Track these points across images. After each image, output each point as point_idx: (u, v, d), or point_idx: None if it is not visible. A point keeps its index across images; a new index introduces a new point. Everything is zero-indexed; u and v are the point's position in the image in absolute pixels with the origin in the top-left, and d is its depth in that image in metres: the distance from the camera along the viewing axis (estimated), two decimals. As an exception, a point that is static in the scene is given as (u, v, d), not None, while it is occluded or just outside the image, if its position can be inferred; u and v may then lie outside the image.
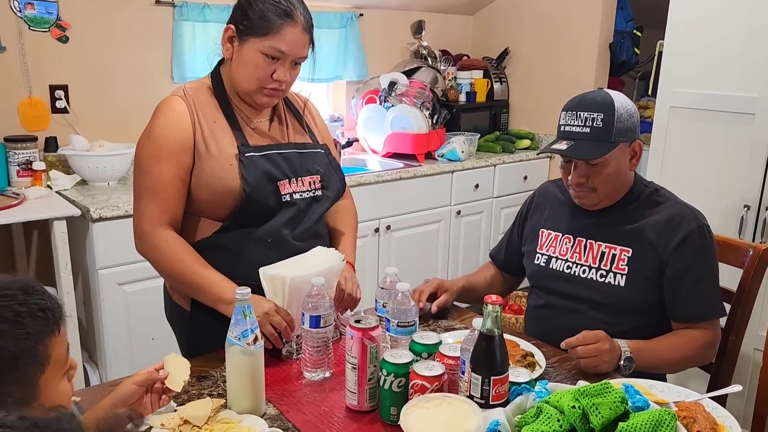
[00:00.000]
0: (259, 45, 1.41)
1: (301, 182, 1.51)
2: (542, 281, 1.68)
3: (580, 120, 1.48)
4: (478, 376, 1.07)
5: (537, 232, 1.71)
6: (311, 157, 1.55)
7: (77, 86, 2.75)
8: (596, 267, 1.57)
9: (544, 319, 1.66)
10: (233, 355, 1.19)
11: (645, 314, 1.54)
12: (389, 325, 1.35)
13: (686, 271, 1.49)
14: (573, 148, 1.49)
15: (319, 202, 1.56)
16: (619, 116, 1.47)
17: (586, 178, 1.52)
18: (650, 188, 1.60)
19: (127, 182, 2.72)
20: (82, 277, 2.46)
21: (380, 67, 3.71)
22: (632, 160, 1.54)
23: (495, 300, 1.07)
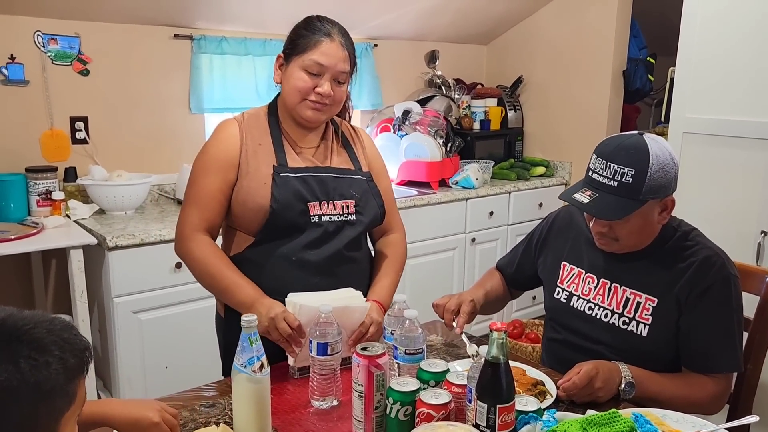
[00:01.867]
0: (300, 62, 1.50)
1: (332, 205, 1.55)
2: (561, 317, 1.62)
3: (609, 171, 1.37)
4: (484, 404, 1.05)
5: (558, 264, 1.63)
6: (348, 182, 1.58)
7: (97, 118, 2.82)
8: (619, 313, 1.49)
9: (561, 354, 1.61)
10: (239, 382, 1.19)
11: (664, 364, 1.48)
12: (397, 352, 1.34)
13: (703, 322, 1.42)
14: (594, 203, 1.38)
15: (352, 226, 1.58)
16: (653, 173, 1.34)
17: (609, 228, 1.44)
18: (680, 231, 1.49)
19: (144, 211, 2.76)
20: (98, 305, 2.49)
21: (394, 96, 3.75)
22: (662, 213, 1.43)
23: (500, 327, 1.06)
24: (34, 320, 0.82)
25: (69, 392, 0.82)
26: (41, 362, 0.78)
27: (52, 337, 0.81)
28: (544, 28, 3.83)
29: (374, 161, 1.70)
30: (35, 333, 0.80)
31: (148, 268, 2.37)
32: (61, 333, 0.83)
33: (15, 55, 2.58)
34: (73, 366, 0.82)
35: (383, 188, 1.67)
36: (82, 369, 0.84)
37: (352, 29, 1.54)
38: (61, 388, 0.80)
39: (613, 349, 1.49)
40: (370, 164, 1.68)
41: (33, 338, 0.79)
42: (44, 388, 0.78)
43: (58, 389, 0.80)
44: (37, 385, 0.77)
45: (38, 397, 0.78)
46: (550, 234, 1.70)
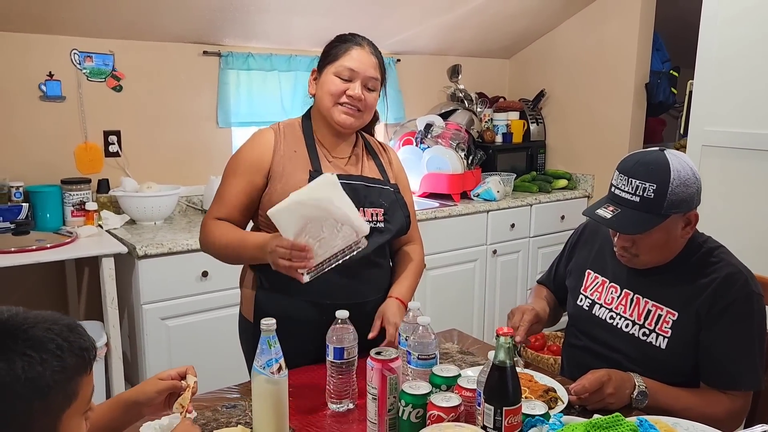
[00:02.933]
0: (332, 68, 1.59)
1: (363, 212, 1.60)
2: (582, 324, 1.63)
3: (630, 187, 1.39)
4: (491, 406, 1.09)
5: (583, 271, 1.66)
6: (378, 192, 1.64)
7: (129, 132, 2.93)
8: (640, 324, 1.50)
9: (581, 360, 1.63)
10: (258, 383, 1.25)
11: (682, 377, 1.48)
12: (410, 357, 1.38)
13: (722, 338, 1.42)
14: (617, 218, 1.41)
15: (381, 234, 1.63)
16: (674, 188, 1.36)
17: (631, 243, 1.46)
18: (706, 247, 1.49)
19: (172, 222, 2.85)
20: (128, 312, 2.58)
21: (417, 110, 3.81)
22: (686, 228, 1.44)
23: (507, 332, 1.10)
24: (36, 320, 0.85)
25: (69, 391, 0.84)
26: (36, 359, 0.80)
27: (51, 335, 0.83)
28: (566, 42, 3.86)
29: (400, 175, 1.77)
30: (34, 331, 0.83)
31: (176, 276, 2.45)
32: (62, 332, 0.85)
33: (53, 72, 2.71)
34: (73, 365, 0.84)
35: (408, 201, 1.74)
36: (83, 368, 0.87)
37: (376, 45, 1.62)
38: (59, 386, 0.83)
39: (632, 359, 1.50)
40: (397, 177, 1.75)
41: (31, 336, 0.82)
42: (39, 384, 0.80)
43: (55, 387, 0.82)
44: (31, 381, 0.80)
45: (33, 394, 0.80)
46: (579, 242, 1.73)
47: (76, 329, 0.89)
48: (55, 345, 0.83)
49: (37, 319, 0.85)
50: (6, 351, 0.80)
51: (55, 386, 0.83)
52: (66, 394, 0.85)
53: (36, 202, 2.61)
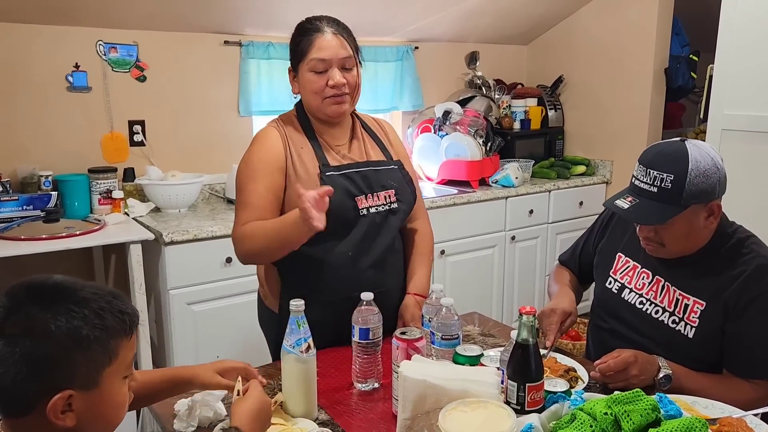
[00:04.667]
0: (305, 66, 1.58)
1: (376, 197, 1.63)
2: (610, 306, 1.64)
3: (649, 177, 1.40)
4: (514, 383, 1.13)
5: (613, 255, 1.65)
6: (386, 174, 1.67)
7: (153, 121, 2.98)
8: (670, 311, 1.51)
9: (608, 343, 1.62)
10: (288, 362, 1.30)
11: (707, 365, 1.49)
12: (434, 338, 1.42)
13: (749, 329, 1.43)
14: (634, 208, 1.42)
15: (395, 215, 1.67)
16: (693, 178, 1.36)
17: (654, 232, 1.46)
18: (735, 238, 1.48)
19: (196, 209, 2.91)
20: (155, 298, 2.64)
21: (435, 97, 3.82)
22: (709, 218, 1.43)
23: (529, 310, 1.13)
24: (85, 285, 0.95)
25: (109, 348, 0.92)
26: (79, 315, 0.90)
27: (95, 297, 0.93)
28: (584, 28, 3.85)
29: (399, 148, 1.78)
30: (81, 293, 0.93)
31: (201, 262, 2.51)
32: (106, 296, 0.95)
33: (79, 64, 2.76)
34: (112, 324, 0.93)
35: (410, 175, 1.75)
36: (123, 331, 0.95)
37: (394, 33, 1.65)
38: (99, 341, 0.91)
39: (658, 344, 1.51)
40: (397, 152, 1.76)
41: (77, 296, 0.92)
42: (79, 335, 0.89)
43: (95, 341, 0.90)
44: (72, 331, 0.89)
45: (74, 345, 0.89)
46: (611, 223, 1.72)
47: (119, 296, 0.98)
48: (97, 305, 0.93)
49: (86, 285, 0.95)
50: (54, 305, 0.90)
51: (96, 341, 0.91)
52: (106, 352, 0.92)
53: (64, 190, 2.68)
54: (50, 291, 0.92)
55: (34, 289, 0.92)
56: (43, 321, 0.88)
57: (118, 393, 0.96)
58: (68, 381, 0.89)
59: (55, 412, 0.88)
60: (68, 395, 0.89)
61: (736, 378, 1.46)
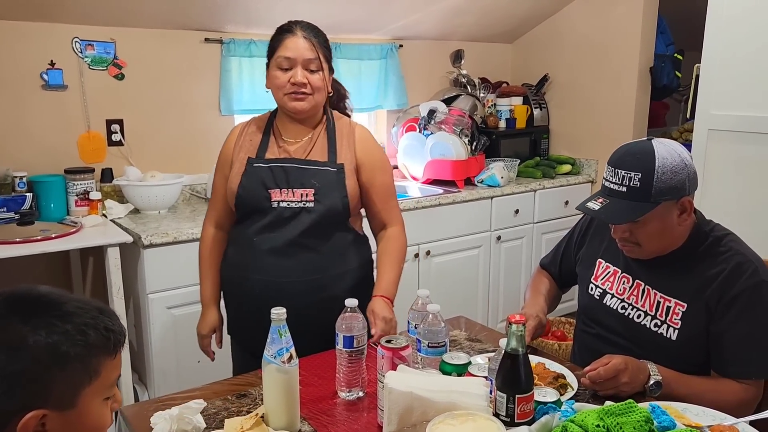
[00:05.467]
0: (274, 63, 1.69)
1: (291, 193, 1.68)
2: (594, 313, 1.63)
3: (617, 177, 1.41)
4: (503, 394, 1.09)
5: (594, 261, 1.65)
6: (312, 173, 1.69)
7: (132, 120, 2.91)
8: (652, 315, 1.50)
9: (594, 347, 1.62)
10: (269, 372, 1.25)
11: (693, 367, 1.48)
12: (420, 345, 1.38)
13: (732, 328, 1.42)
14: (605, 208, 1.42)
15: (309, 214, 1.67)
16: (660, 175, 1.37)
17: (629, 233, 1.46)
18: (713, 236, 1.48)
19: (177, 210, 2.85)
20: (134, 302, 2.58)
21: (420, 95, 3.79)
22: (682, 215, 1.43)
23: (519, 319, 1.10)
24: (70, 298, 0.90)
25: (90, 367, 0.88)
26: (60, 329, 0.85)
27: (80, 312, 0.88)
28: (569, 26, 3.83)
29: (367, 157, 1.75)
30: (65, 307, 0.88)
31: (181, 265, 2.45)
32: (92, 312, 0.90)
33: (54, 61, 2.69)
34: (95, 341, 0.88)
35: (379, 183, 1.75)
36: (107, 348, 0.90)
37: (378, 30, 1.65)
38: (79, 358, 0.86)
39: (643, 349, 1.49)
40: (361, 159, 1.73)
41: (61, 310, 0.88)
42: (58, 351, 0.84)
43: (75, 358, 0.86)
44: (50, 346, 0.84)
45: (51, 360, 0.84)
46: (590, 229, 1.72)
47: (106, 312, 0.93)
48: (81, 321, 0.88)
49: (72, 298, 0.91)
50: (35, 318, 0.86)
51: (75, 358, 0.86)
52: (86, 370, 0.88)
53: (40, 191, 2.61)
54: (32, 303, 0.88)
55: (17, 299, 0.88)
56: (21, 334, 0.84)
57: (97, 415, 0.91)
58: (43, 399, 0.84)
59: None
60: (42, 415, 0.84)
61: (726, 380, 1.45)
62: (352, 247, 1.76)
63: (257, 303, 1.64)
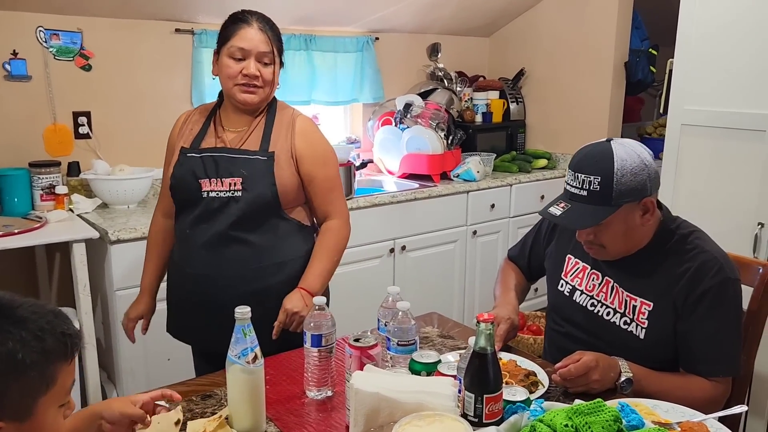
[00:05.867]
0: (226, 51, 1.65)
1: (220, 182, 1.65)
2: (563, 310, 1.63)
3: (578, 182, 1.41)
4: (471, 394, 1.07)
5: (563, 257, 1.64)
6: (242, 162, 1.65)
7: (100, 112, 2.84)
8: (621, 312, 1.50)
9: (563, 345, 1.61)
10: (233, 373, 1.21)
11: (662, 364, 1.47)
12: (390, 344, 1.36)
13: (700, 327, 1.41)
14: (566, 214, 1.42)
15: (237, 203, 1.64)
16: (620, 178, 1.37)
17: (593, 236, 1.45)
18: (678, 234, 1.47)
19: (146, 205, 2.79)
20: (101, 298, 2.52)
21: (396, 89, 3.75)
22: (645, 216, 1.43)
23: (487, 318, 1.08)
24: (23, 302, 0.85)
25: (47, 374, 0.84)
26: (16, 336, 0.81)
27: (34, 317, 0.84)
28: (546, 20, 3.82)
29: (307, 149, 1.70)
30: (19, 312, 0.84)
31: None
32: (47, 315, 0.86)
33: (17, 51, 2.61)
34: (52, 348, 0.84)
35: (320, 176, 1.71)
36: (63, 354, 0.86)
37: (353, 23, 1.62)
38: (37, 366, 0.82)
39: (612, 347, 1.48)
40: (301, 152, 1.69)
41: (15, 315, 0.83)
42: (14, 359, 0.80)
43: (32, 366, 0.82)
44: (7, 355, 0.80)
45: (9, 369, 0.80)
46: (557, 229, 1.71)
47: (60, 315, 0.89)
48: (37, 326, 0.84)
49: (24, 302, 0.86)
50: None
51: (33, 366, 0.82)
52: (44, 378, 0.84)
53: (3, 186, 2.52)
54: None
55: None
56: None
57: (53, 423, 0.87)
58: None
59: None
60: None
61: (696, 377, 1.44)
62: (293, 238, 1.71)
63: (192, 298, 1.70)
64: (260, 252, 1.67)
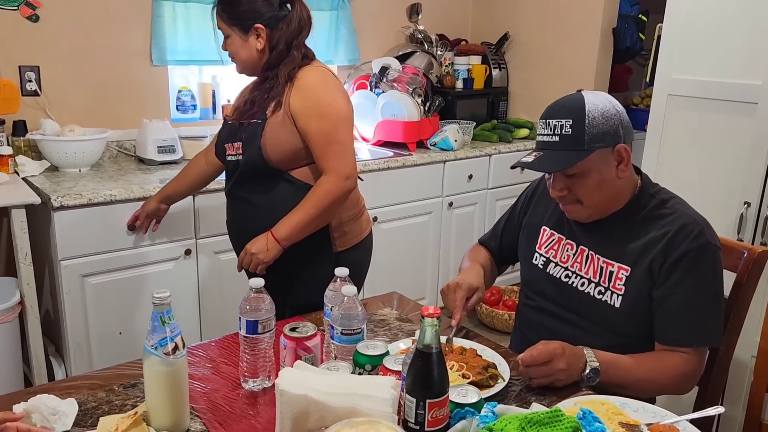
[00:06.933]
0: None
1: (232, 147, 1.81)
2: (536, 284, 1.56)
3: (549, 129, 1.37)
4: (413, 398, 0.94)
5: (538, 229, 1.57)
6: (244, 127, 1.77)
7: (50, 68, 2.64)
8: (596, 282, 1.43)
9: (535, 320, 1.55)
10: (150, 366, 1.07)
11: (637, 338, 1.40)
12: (333, 332, 1.22)
13: (675, 292, 1.34)
14: (539, 160, 1.37)
15: (240, 167, 1.78)
16: (592, 120, 1.33)
17: (567, 190, 1.39)
18: (657, 198, 1.43)
19: (101, 169, 2.62)
20: (48, 268, 2.36)
21: (373, 51, 3.56)
22: (620, 166, 1.37)
23: (433, 312, 0.94)
24: None
25: None
26: None
27: None
28: (532, -18, 3.63)
29: (301, 103, 1.70)
30: None
31: (97, 230, 2.24)
32: None
33: (-46, -2, 2.39)
34: None
35: (314, 130, 1.70)
36: None
37: None
38: None
39: (585, 319, 1.43)
40: (295, 106, 1.70)
41: None
42: None
43: None
44: None
45: None
46: (534, 198, 1.65)
47: None
48: None
49: None
50: None
51: None
52: None
53: (-60, 145, 2.34)
54: None
55: None
56: None
57: None
58: None
59: None
60: None
61: (666, 353, 1.36)
62: (295, 198, 1.73)
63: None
64: (259, 211, 1.78)
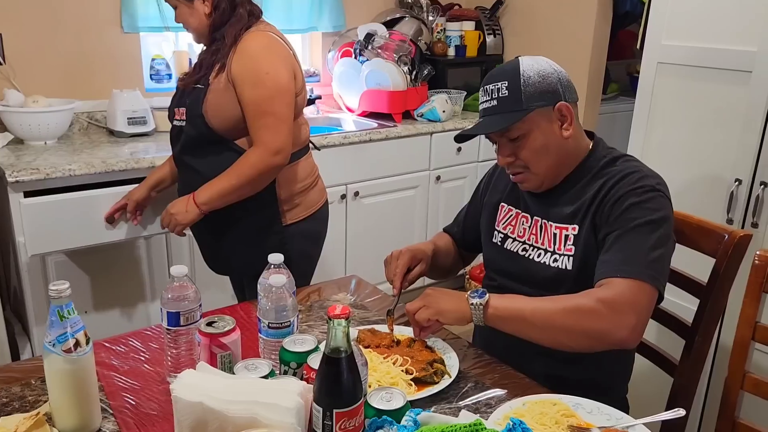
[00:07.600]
0: None
1: (179, 111, 1.79)
2: (496, 262, 1.51)
3: (487, 94, 1.35)
4: (320, 407, 0.84)
5: (497, 206, 1.53)
6: (189, 92, 1.76)
7: (13, 36, 2.53)
8: (551, 251, 1.38)
9: None
10: (50, 364, 0.99)
11: None
12: (261, 325, 1.13)
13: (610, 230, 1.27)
14: (478, 124, 1.36)
15: (184, 132, 1.78)
16: (527, 79, 1.31)
17: (513, 156, 1.35)
18: (609, 157, 1.38)
19: (69, 141, 2.52)
20: (12, 244, 2.28)
21: (359, 17, 3.40)
22: (564, 125, 1.33)
23: (341, 312, 0.84)
24: None
25: None
26: None
27: None
28: (529, -58, 3.43)
29: (238, 69, 1.68)
30: None
31: (56, 207, 2.14)
32: None
33: None
34: None
35: (246, 99, 1.67)
36: None
37: None
38: None
39: (544, 290, 1.35)
40: (234, 72, 1.68)
41: None
42: None
43: None
44: None
45: None
46: (493, 177, 1.60)
47: None
48: None
49: None
50: None
51: None
52: None
53: None
54: None
55: None
56: None
57: None
58: None
59: None
60: None
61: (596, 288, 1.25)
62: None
63: None
64: (205, 179, 1.73)
